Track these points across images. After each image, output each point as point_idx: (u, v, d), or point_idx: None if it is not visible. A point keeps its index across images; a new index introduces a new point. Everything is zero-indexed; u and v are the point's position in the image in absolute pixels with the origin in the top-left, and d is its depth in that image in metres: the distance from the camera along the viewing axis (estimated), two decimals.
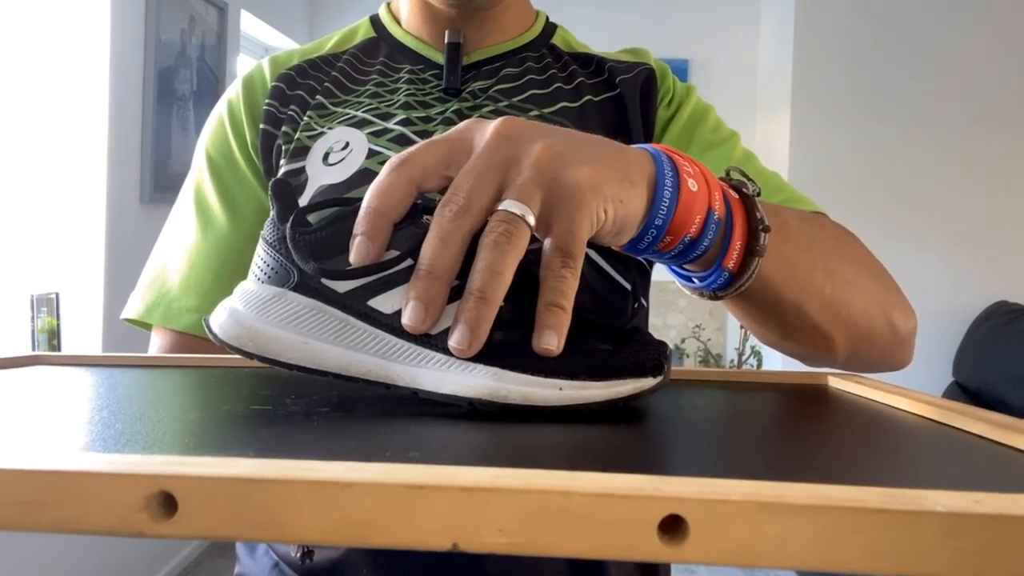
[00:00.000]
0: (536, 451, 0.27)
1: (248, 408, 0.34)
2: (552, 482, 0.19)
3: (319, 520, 0.19)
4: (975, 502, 0.19)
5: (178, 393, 0.39)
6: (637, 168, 0.37)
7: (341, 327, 0.34)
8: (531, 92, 0.69)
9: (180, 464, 0.20)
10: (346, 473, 0.20)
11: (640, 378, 0.34)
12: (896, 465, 0.26)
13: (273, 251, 0.36)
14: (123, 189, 2.18)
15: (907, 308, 0.57)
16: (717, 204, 0.40)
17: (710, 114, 0.71)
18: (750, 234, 0.42)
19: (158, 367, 0.49)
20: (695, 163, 0.41)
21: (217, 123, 0.71)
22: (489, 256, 0.32)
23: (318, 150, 0.66)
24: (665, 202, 0.38)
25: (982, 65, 2.84)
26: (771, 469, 0.25)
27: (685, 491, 0.19)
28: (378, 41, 0.74)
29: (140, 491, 0.20)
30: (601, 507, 0.19)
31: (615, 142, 0.39)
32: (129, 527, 0.20)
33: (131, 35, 2.20)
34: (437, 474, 0.20)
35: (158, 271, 0.69)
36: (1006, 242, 2.83)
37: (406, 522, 0.19)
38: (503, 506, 0.19)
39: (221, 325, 0.36)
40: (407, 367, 0.34)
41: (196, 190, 0.70)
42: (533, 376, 0.33)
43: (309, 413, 0.33)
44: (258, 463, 0.21)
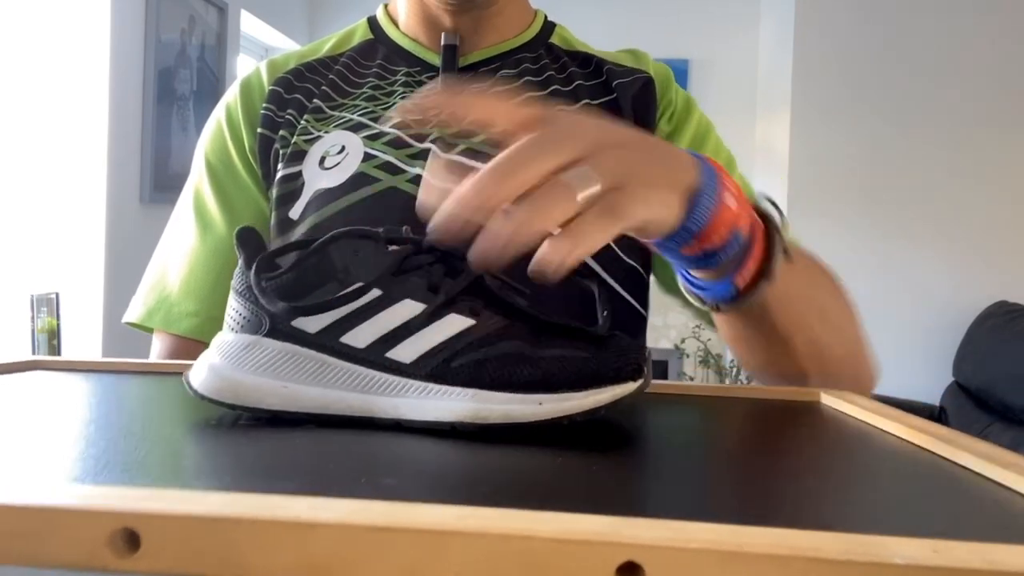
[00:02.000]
0: (512, 477, 0.27)
1: (236, 424, 0.35)
2: (512, 525, 0.19)
3: (284, 560, 0.19)
4: (934, 552, 0.19)
5: (169, 404, 0.39)
6: (683, 176, 0.39)
7: (317, 367, 0.34)
8: (527, 94, 0.69)
9: (144, 499, 0.21)
10: (310, 512, 0.20)
11: (619, 384, 0.33)
12: (870, 501, 0.26)
13: (243, 299, 0.36)
14: (123, 189, 2.18)
15: (873, 367, 0.60)
16: (744, 223, 0.42)
17: (710, 136, 0.71)
18: (765, 258, 0.44)
19: (153, 374, 0.49)
20: (736, 186, 0.42)
21: (215, 127, 0.71)
22: (543, 200, 0.33)
23: (314, 154, 0.66)
24: (703, 212, 0.39)
25: (982, 65, 2.84)
26: (740, 508, 0.25)
27: (644, 537, 0.19)
28: (375, 44, 0.74)
29: (104, 527, 0.20)
30: (559, 552, 0.19)
31: (669, 145, 0.41)
32: (93, 563, 0.20)
33: (131, 35, 2.20)
34: (398, 514, 0.20)
35: (158, 275, 0.69)
36: (1006, 242, 2.83)
37: (367, 564, 0.19)
38: (462, 549, 0.19)
39: (201, 382, 0.36)
40: (388, 398, 0.34)
41: (195, 194, 0.70)
42: (512, 394, 0.33)
43: (294, 430, 0.33)
44: (223, 499, 0.21)
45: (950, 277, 2.85)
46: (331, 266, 0.35)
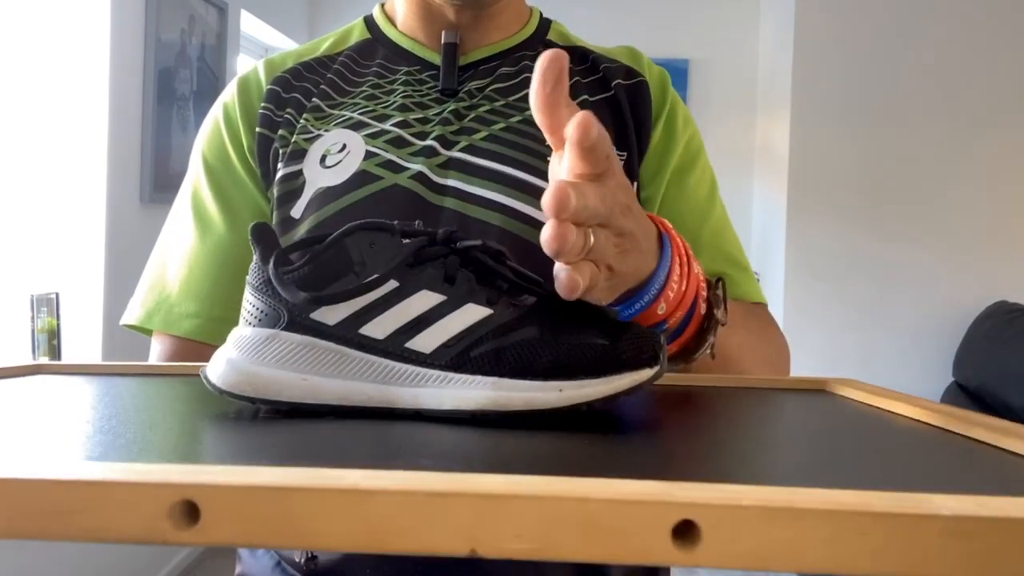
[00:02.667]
0: (544, 457, 0.27)
1: (257, 415, 0.35)
2: (568, 488, 0.20)
3: (342, 527, 0.20)
4: (979, 505, 0.19)
5: (184, 401, 0.40)
6: (650, 264, 0.44)
7: (337, 359, 0.35)
8: (527, 91, 0.69)
9: (201, 473, 0.21)
10: (367, 481, 0.20)
11: (637, 370, 0.34)
12: (900, 469, 0.27)
13: (260, 294, 0.37)
14: (123, 189, 2.18)
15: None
16: (673, 321, 0.46)
17: (700, 158, 0.72)
18: (694, 346, 0.49)
19: (160, 375, 0.49)
20: (688, 277, 0.47)
21: (213, 127, 0.71)
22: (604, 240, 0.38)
23: (315, 153, 0.66)
24: (629, 311, 0.45)
25: (982, 65, 2.84)
26: (779, 474, 0.26)
27: (698, 496, 0.19)
28: (374, 43, 0.74)
29: (164, 500, 0.20)
30: (616, 513, 0.19)
31: (652, 229, 0.45)
32: (154, 535, 0.20)
33: (131, 35, 2.20)
34: (456, 482, 0.20)
35: (157, 276, 0.69)
36: (1006, 242, 2.83)
37: (426, 528, 0.20)
38: (521, 513, 0.19)
39: (220, 376, 0.36)
40: (407, 388, 0.34)
41: (193, 194, 0.70)
42: (532, 381, 0.33)
43: (318, 418, 0.34)
44: (279, 471, 0.21)
45: (950, 277, 2.85)
46: (347, 258, 0.35)
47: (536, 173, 0.64)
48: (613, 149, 0.39)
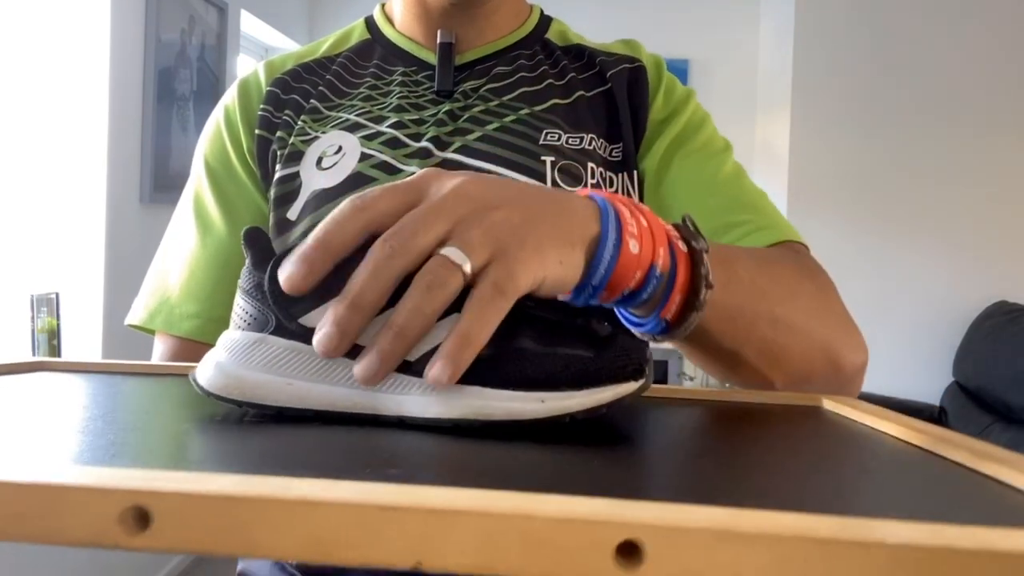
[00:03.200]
0: (514, 468, 0.27)
1: (240, 420, 0.35)
2: (514, 505, 0.20)
3: (288, 537, 0.20)
4: (932, 534, 0.19)
5: (175, 403, 0.40)
6: (580, 230, 0.38)
7: (323, 365, 0.35)
8: (522, 90, 0.69)
9: (154, 479, 0.21)
10: (317, 492, 0.20)
11: (621, 383, 0.34)
12: (864, 493, 0.26)
13: (250, 298, 0.37)
14: (123, 189, 2.18)
15: (856, 345, 0.57)
16: (661, 259, 0.40)
17: (706, 125, 0.70)
18: (691, 289, 0.42)
19: (159, 375, 0.49)
20: (643, 214, 0.40)
21: (214, 130, 0.71)
22: (418, 297, 0.32)
23: (312, 155, 0.66)
24: (604, 264, 0.38)
25: (982, 65, 2.84)
26: (735, 495, 0.25)
27: (643, 516, 0.19)
28: (372, 43, 0.74)
29: (115, 505, 0.20)
30: (560, 531, 0.19)
31: (565, 196, 0.39)
32: (104, 540, 0.20)
33: (131, 35, 2.20)
34: (405, 495, 0.20)
35: (160, 277, 0.69)
36: (1006, 242, 2.83)
37: (371, 541, 0.20)
38: (466, 528, 0.19)
39: (207, 378, 0.36)
40: (392, 396, 0.34)
41: (195, 197, 0.70)
42: (515, 391, 0.33)
43: (298, 425, 0.34)
44: (230, 479, 0.21)
45: (950, 277, 2.85)
46: (337, 266, 0.35)
47: (530, 173, 0.64)
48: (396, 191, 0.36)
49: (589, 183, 0.65)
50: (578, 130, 0.67)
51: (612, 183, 0.66)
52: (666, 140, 0.68)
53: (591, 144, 0.67)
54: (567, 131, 0.67)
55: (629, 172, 0.68)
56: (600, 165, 0.66)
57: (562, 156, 0.65)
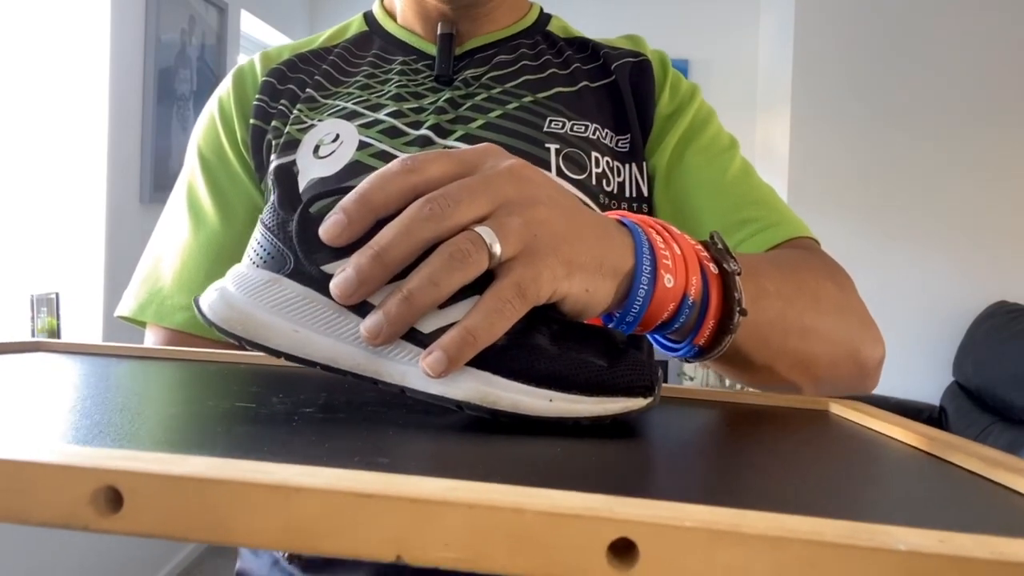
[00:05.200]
0: (506, 463, 0.27)
1: (232, 405, 0.34)
2: (503, 498, 0.19)
3: (264, 524, 0.19)
4: (939, 541, 0.18)
5: (168, 387, 0.39)
6: (614, 262, 0.37)
7: (334, 317, 0.33)
8: (525, 78, 0.69)
9: (128, 459, 0.20)
10: (295, 477, 0.19)
11: (630, 397, 0.33)
12: (872, 499, 0.26)
13: (272, 235, 0.35)
14: (123, 189, 2.18)
15: (875, 339, 0.57)
16: (693, 289, 0.39)
17: (712, 120, 0.70)
18: (724, 313, 0.41)
19: (156, 359, 0.49)
20: (676, 240, 0.40)
21: (208, 121, 0.71)
22: (437, 266, 0.31)
23: (308, 143, 0.66)
24: (638, 302, 0.37)
25: (982, 65, 2.84)
26: (738, 496, 0.24)
27: (639, 514, 0.18)
28: (370, 35, 0.74)
29: (87, 485, 0.20)
30: (551, 526, 0.18)
31: (604, 222, 0.38)
32: (75, 520, 0.20)
33: (131, 35, 2.20)
34: (387, 483, 0.19)
35: (151, 269, 0.69)
36: (1006, 242, 2.83)
37: (351, 531, 0.19)
38: (451, 520, 0.19)
39: (211, 306, 0.35)
40: (397, 364, 0.33)
41: (188, 188, 0.70)
42: (524, 384, 0.32)
43: (292, 413, 0.33)
44: (208, 462, 0.20)
45: (950, 277, 2.85)
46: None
47: (534, 160, 0.63)
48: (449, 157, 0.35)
49: (593, 172, 0.64)
50: (583, 118, 0.67)
51: (619, 173, 0.66)
52: (674, 137, 0.67)
53: (595, 134, 0.66)
54: (571, 118, 0.66)
55: (638, 163, 0.67)
56: (606, 155, 0.66)
57: (566, 144, 0.65)
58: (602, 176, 0.65)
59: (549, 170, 0.63)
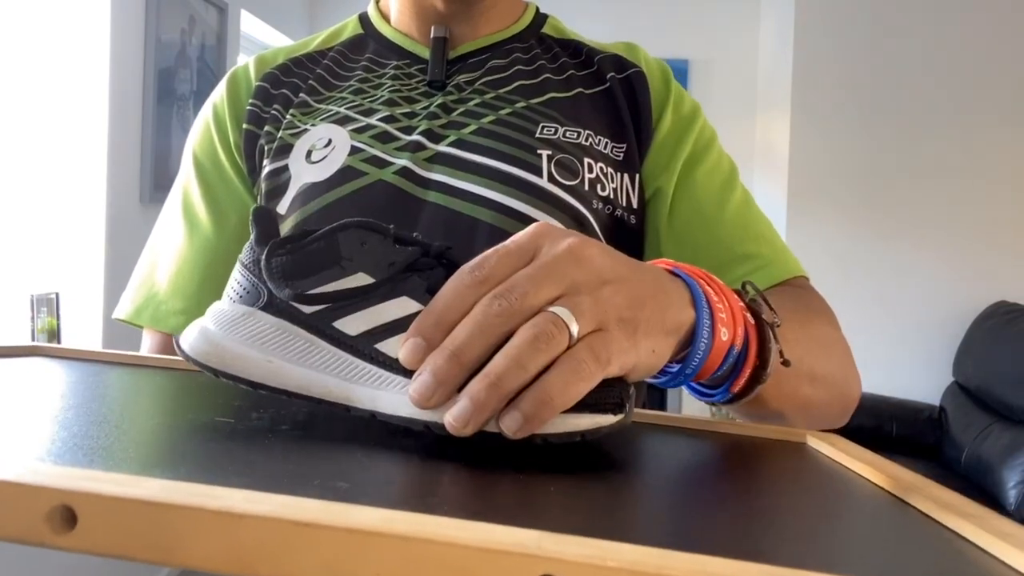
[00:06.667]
0: (462, 493, 0.27)
1: (210, 419, 0.35)
2: (437, 531, 0.19)
3: (210, 548, 0.20)
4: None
5: (153, 397, 0.40)
6: (676, 317, 0.38)
7: (305, 347, 0.35)
8: (518, 83, 0.69)
9: (85, 479, 0.21)
10: (240, 504, 0.20)
11: (600, 414, 0.33)
12: (810, 539, 0.26)
13: (247, 272, 0.37)
14: (123, 189, 2.18)
15: (858, 379, 0.60)
16: (739, 340, 0.40)
17: (713, 145, 0.70)
18: (759, 363, 0.42)
19: (150, 367, 0.49)
20: (725, 295, 0.41)
21: (203, 126, 0.71)
22: (524, 348, 0.31)
23: (301, 148, 0.66)
24: (699, 355, 0.38)
25: (982, 65, 2.84)
26: (676, 534, 0.25)
27: (563, 552, 0.19)
28: (365, 38, 0.74)
29: (44, 503, 0.20)
30: (479, 561, 0.19)
31: (663, 277, 0.39)
32: (31, 536, 0.20)
33: (131, 35, 2.20)
34: (325, 512, 0.20)
35: (147, 273, 0.69)
36: (1006, 242, 2.83)
37: (289, 557, 0.19)
38: (384, 551, 0.19)
39: (190, 344, 0.36)
40: (367, 389, 0.34)
41: (183, 193, 0.70)
42: None
43: (267, 430, 0.33)
44: (161, 485, 0.21)
45: (950, 277, 2.85)
46: (336, 253, 0.35)
47: (527, 167, 0.63)
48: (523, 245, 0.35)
49: (586, 177, 0.64)
50: (576, 124, 0.67)
51: (612, 179, 0.66)
52: (678, 162, 0.67)
53: (588, 140, 0.66)
54: (565, 124, 0.66)
55: (631, 173, 0.67)
56: (600, 161, 0.65)
57: (559, 150, 0.64)
58: (596, 181, 0.64)
59: (540, 176, 0.63)
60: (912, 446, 2.66)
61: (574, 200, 0.63)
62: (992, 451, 2.35)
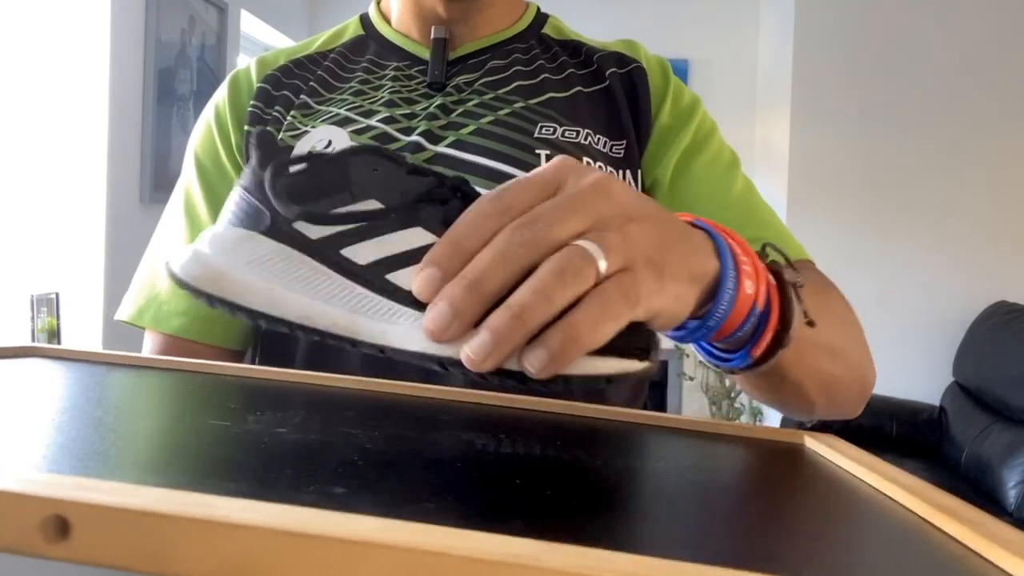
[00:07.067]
0: (460, 499, 0.27)
1: (207, 423, 0.34)
2: (431, 540, 0.19)
3: (201, 559, 0.20)
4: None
5: (149, 399, 0.39)
6: (701, 266, 0.36)
7: (310, 274, 0.32)
8: (517, 84, 0.69)
9: (79, 488, 0.21)
10: (233, 513, 0.20)
11: (625, 359, 0.31)
12: (795, 546, 0.25)
13: (248, 194, 0.34)
14: (123, 189, 2.18)
15: (872, 363, 0.59)
16: (761, 298, 0.39)
17: (714, 135, 0.70)
18: (781, 325, 0.40)
19: (148, 368, 0.49)
20: (749, 252, 0.39)
21: (205, 127, 0.72)
22: (549, 280, 0.29)
23: (300, 150, 0.66)
24: (723, 305, 0.37)
25: (982, 65, 2.84)
26: (668, 544, 0.25)
27: (559, 563, 0.19)
28: (366, 39, 0.74)
29: (37, 512, 0.20)
30: (474, 572, 0.19)
31: (687, 226, 0.37)
32: (23, 546, 0.20)
33: (131, 35, 2.20)
34: (319, 521, 0.20)
35: (149, 274, 0.69)
36: (1006, 242, 2.83)
37: (281, 568, 0.19)
38: (377, 561, 0.19)
39: (182, 266, 0.33)
40: (376, 322, 0.32)
41: (185, 194, 0.70)
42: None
43: (264, 434, 0.32)
44: (154, 494, 0.21)
45: (950, 277, 2.85)
46: (346, 177, 0.33)
47: (525, 167, 0.63)
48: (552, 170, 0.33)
49: None
50: (575, 124, 0.67)
51: None
52: (677, 152, 0.67)
53: (587, 139, 0.66)
54: (563, 124, 0.66)
55: (632, 170, 0.67)
56: (598, 160, 0.66)
57: (557, 149, 0.65)
58: None
59: None
60: (912, 446, 2.66)
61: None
62: (992, 451, 2.35)
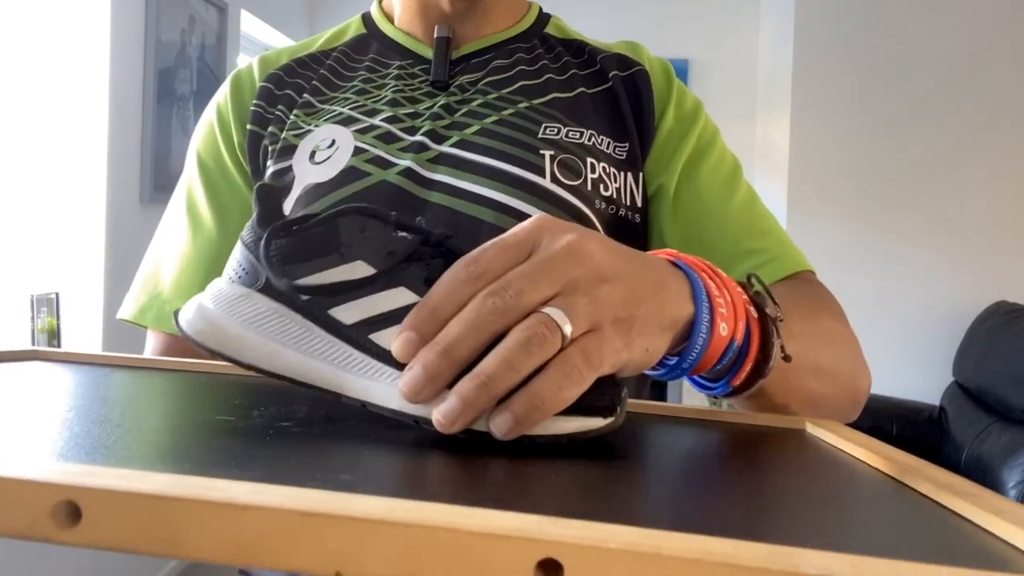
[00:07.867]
0: (461, 482, 0.27)
1: (212, 418, 0.35)
2: (438, 517, 0.20)
3: (214, 540, 0.20)
4: (852, 566, 0.18)
5: (153, 398, 0.40)
6: (674, 312, 0.37)
7: (301, 332, 0.35)
8: (521, 83, 0.69)
9: (89, 475, 0.21)
10: (244, 495, 0.20)
11: (589, 417, 0.33)
12: (808, 520, 0.26)
13: (248, 252, 0.37)
14: (123, 189, 2.18)
15: (867, 373, 0.60)
16: (739, 335, 0.40)
17: (716, 141, 0.70)
18: (761, 357, 0.42)
19: (149, 369, 0.49)
20: (726, 287, 0.40)
21: (207, 126, 0.71)
22: (515, 351, 0.31)
23: (304, 148, 0.66)
24: (696, 350, 0.38)
25: (982, 65, 2.84)
26: (673, 517, 0.25)
27: (565, 535, 0.19)
28: (368, 38, 0.74)
29: (48, 499, 0.21)
30: (482, 546, 0.19)
31: (663, 269, 0.38)
32: (36, 532, 0.21)
33: (131, 35, 2.20)
34: (329, 502, 0.20)
35: (151, 273, 0.69)
36: (1006, 242, 2.83)
37: (294, 548, 0.20)
38: (388, 539, 0.19)
39: (188, 321, 0.36)
40: (360, 379, 0.34)
41: (187, 193, 0.70)
42: None
43: (268, 427, 0.33)
44: (164, 479, 0.21)
45: (950, 277, 2.85)
46: (336, 239, 0.35)
47: (529, 168, 0.63)
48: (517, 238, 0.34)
49: (589, 178, 0.64)
50: (579, 124, 0.67)
51: (616, 179, 0.66)
52: (681, 158, 0.67)
53: (591, 140, 0.66)
54: (567, 124, 0.66)
55: (635, 173, 0.67)
56: (602, 161, 0.66)
57: (561, 150, 0.64)
58: (599, 181, 0.64)
59: (543, 176, 0.63)
60: (912, 446, 2.64)
61: (577, 200, 0.63)
62: (992, 451, 2.35)
